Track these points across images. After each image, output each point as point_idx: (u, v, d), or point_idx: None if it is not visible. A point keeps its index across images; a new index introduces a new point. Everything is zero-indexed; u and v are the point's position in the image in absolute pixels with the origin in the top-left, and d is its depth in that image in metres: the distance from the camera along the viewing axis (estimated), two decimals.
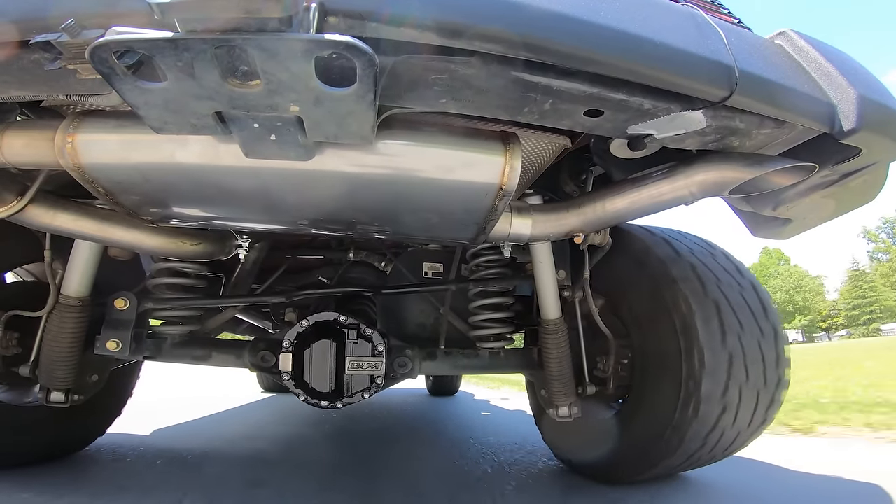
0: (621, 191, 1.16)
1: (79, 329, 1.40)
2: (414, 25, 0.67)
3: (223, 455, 2.12)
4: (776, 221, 1.25)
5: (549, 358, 1.54)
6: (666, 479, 1.70)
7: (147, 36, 0.57)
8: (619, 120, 0.86)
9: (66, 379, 1.39)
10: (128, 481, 1.61)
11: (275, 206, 1.03)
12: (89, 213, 1.18)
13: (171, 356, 1.54)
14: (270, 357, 1.50)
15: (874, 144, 0.94)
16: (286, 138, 0.76)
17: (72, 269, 1.38)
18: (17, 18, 0.67)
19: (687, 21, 0.84)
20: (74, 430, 1.76)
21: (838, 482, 1.80)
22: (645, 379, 1.53)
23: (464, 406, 4.46)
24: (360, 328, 1.46)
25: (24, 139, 0.90)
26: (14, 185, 1.08)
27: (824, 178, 1.06)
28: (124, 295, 1.45)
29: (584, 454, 1.77)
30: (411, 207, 1.03)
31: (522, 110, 0.82)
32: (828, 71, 0.92)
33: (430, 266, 1.89)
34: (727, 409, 1.38)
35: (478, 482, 1.73)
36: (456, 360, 1.66)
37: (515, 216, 1.21)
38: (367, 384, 1.45)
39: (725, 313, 1.41)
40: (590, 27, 0.72)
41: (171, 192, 0.97)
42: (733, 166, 1.00)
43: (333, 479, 1.73)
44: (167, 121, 0.71)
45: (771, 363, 1.43)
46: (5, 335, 1.45)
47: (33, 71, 0.73)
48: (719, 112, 0.86)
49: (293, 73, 0.60)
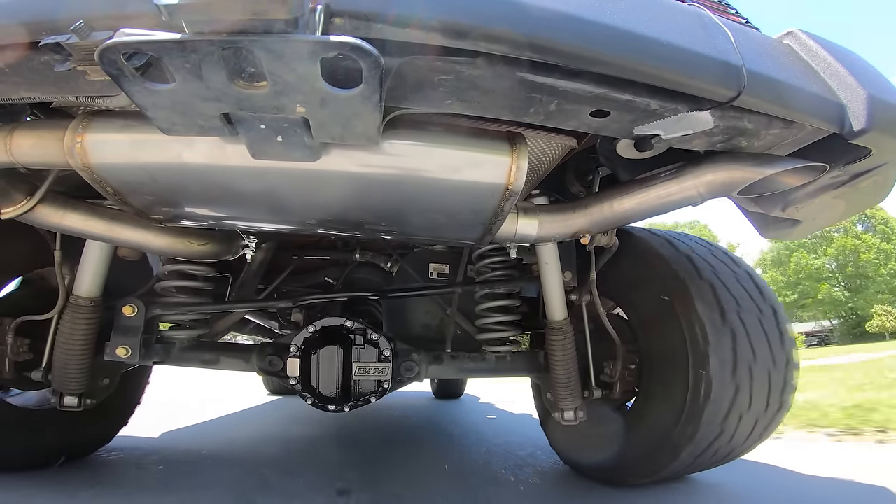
0: (628, 191, 1.15)
1: (90, 330, 1.40)
2: (419, 26, 0.67)
3: (231, 457, 2.13)
4: (785, 222, 1.24)
5: (554, 360, 1.53)
6: (673, 482, 1.69)
7: (155, 37, 0.57)
8: (625, 120, 0.86)
9: (79, 382, 1.39)
10: (136, 483, 1.62)
11: (281, 206, 1.03)
12: (98, 213, 1.19)
13: (180, 360, 1.55)
14: (278, 361, 1.51)
15: (884, 145, 0.93)
16: (293, 139, 0.76)
17: (83, 269, 1.38)
18: (28, 20, 0.68)
19: (694, 21, 0.83)
20: (86, 434, 1.75)
21: (846, 485, 1.78)
22: (652, 381, 1.52)
23: (469, 409, 4.44)
24: (367, 333, 1.46)
25: (33, 139, 0.91)
26: (24, 185, 1.09)
27: (834, 179, 1.05)
28: (132, 301, 1.45)
29: (590, 457, 1.76)
30: (417, 208, 1.03)
31: (528, 111, 0.82)
32: (837, 71, 0.91)
33: (435, 267, 1.89)
34: (738, 399, 1.37)
35: (484, 485, 1.73)
36: (462, 364, 1.65)
37: (522, 217, 1.21)
38: (374, 388, 1.46)
39: (728, 307, 1.41)
40: (596, 27, 0.72)
41: (179, 193, 0.98)
42: (742, 166, 0.99)
43: (340, 481, 1.73)
44: (175, 122, 0.71)
45: (780, 365, 1.42)
46: (16, 341, 1.45)
47: (43, 72, 0.74)
48: (727, 112, 0.86)
49: (299, 74, 0.61)
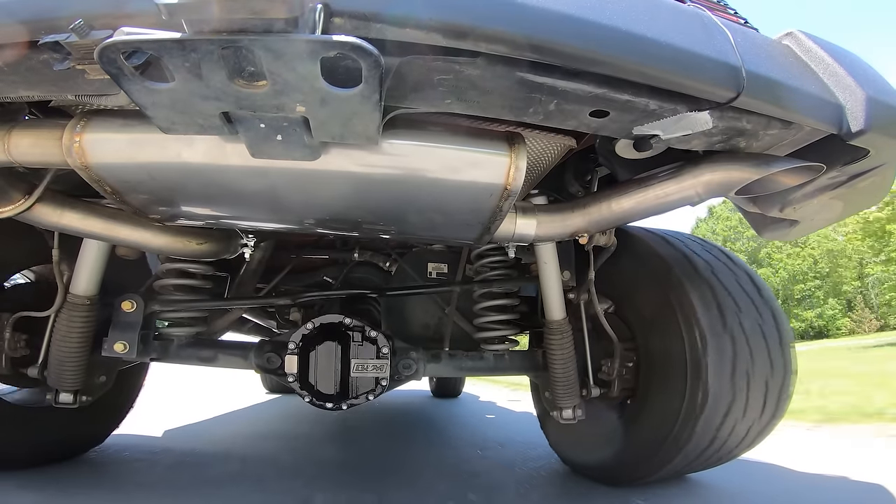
0: (627, 191, 1.15)
1: (87, 328, 1.40)
2: (419, 26, 0.67)
3: (229, 456, 2.13)
4: (783, 223, 1.24)
5: (553, 360, 1.54)
6: (672, 481, 1.69)
7: (155, 36, 0.57)
8: (624, 121, 0.86)
9: (75, 380, 1.39)
10: (133, 482, 1.61)
11: (280, 205, 1.03)
12: (96, 212, 1.19)
13: (177, 357, 1.55)
14: (276, 359, 1.50)
15: (882, 146, 0.93)
16: (292, 138, 0.76)
17: (80, 267, 1.38)
18: (26, 19, 0.67)
19: (693, 21, 0.83)
20: (81, 431, 1.75)
21: (845, 483, 1.79)
22: (650, 379, 1.53)
23: (468, 408, 4.45)
24: (365, 331, 1.46)
25: (31, 138, 0.90)
26: (21, 184, 1.08)
27: (832, 180, 1.06)
28: (131, 297, 1.45)
29: (588, 456, 1.77)
30: (416, 207, 1.03)
31: (527, 111, 0.82)
32: (836, 72, 0.91)
33: (434, 266, 1.89)
34: (735, 403, 1.37)
35: (483, 483, 1.73)
36: (460, 362, 1.65)
37: (520, 216, 1.21)
38: (372, 386, 1.46)
39: (728, 310, 1.41)
40: (595, 28, 0.72)
41: (178, 192, 0.98)
42: (740, 166, 0.99)
43: (338, 479, 1.73)
44: (175, 121, 0.71)
45: (778, 366, 1.43)
46: (13, 337, 1.44)
47: (42, 71, 0.73)
48: (726, 113, 0.86)
49: (299, 73, 0.61)
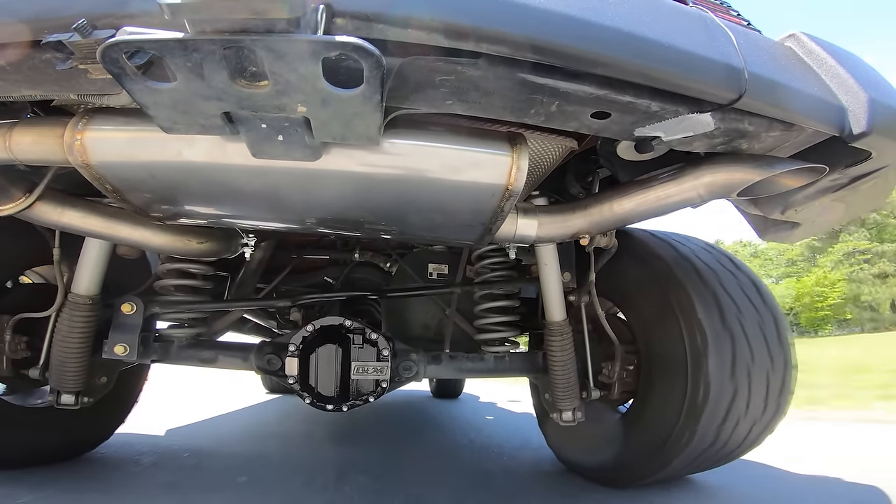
0: (628, 192, 1.15)
1: (88, 328, 1.39)
2: (421, 27, 0.67)
3: (229, 455, 2.13)
4: (784, 225, 1.24)
5: (553, 361, 1.53)
6: (672, 483, 1.69)
7: (157, 36, 0.58)
8: (626, 122, 0.86)
9: (76, 380, 1.39)
10: (133, 482, 1.61)
11: (281, 205, 1.03)
12: (97, 211, 1.19)
13: (178, 359, 1.55)
14: (276, 360, 1.50)
15: (884, 148, 0.93)
16: (293, 139, 0.76)
17: (81, 267, 1.37)
18: (29, 18, 0.68)
19: (696, 23, 0.83)
20: (82, 432, 1.74)
21: (843, 484, 1.79)
22: (650, 382, 1.52)
23: (468, 408, 4.44)
24: (366, 333, 1.46)
25: (33, 136, 0.90)
26: (22, 182, 1.08)
27: (834, 182, 1.05)
28: (131, 299, 1.45)
29: (588, 457, 1.77)
30: (417, 208, 1.03)
31: (529, 112, 0.82)
32: (838, 74, 0.91)
33: (435, 267, 1.89)
34: (736, 402, 1.37)
35: (482, 484, 1.73)
36: (461, 364, 1.65)
37: (521, 217, 1.21)
38: (373, 388, 1.45)
39: (728, 310, 1.41)
40: (597, 29, 0.72)
41: (179, 191, 0.98)
42: (742, 168, 0.99)
43: (337, 479, 1.73)
44: (176, 121, 0.71)
45: (779, 365, 1.43)
46: (14, 338, 1.44)
47: (44, 70, 0.73)
48: (728, 115, 0.86)
49: (301, 73, 0.61)
